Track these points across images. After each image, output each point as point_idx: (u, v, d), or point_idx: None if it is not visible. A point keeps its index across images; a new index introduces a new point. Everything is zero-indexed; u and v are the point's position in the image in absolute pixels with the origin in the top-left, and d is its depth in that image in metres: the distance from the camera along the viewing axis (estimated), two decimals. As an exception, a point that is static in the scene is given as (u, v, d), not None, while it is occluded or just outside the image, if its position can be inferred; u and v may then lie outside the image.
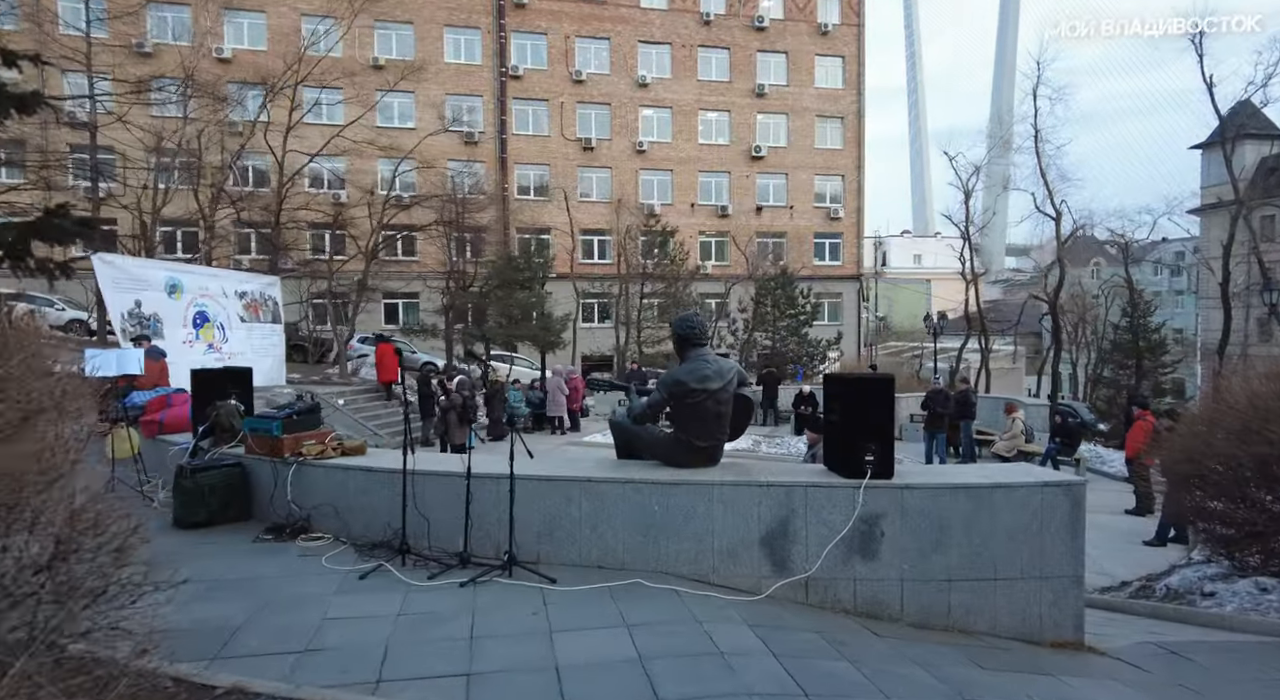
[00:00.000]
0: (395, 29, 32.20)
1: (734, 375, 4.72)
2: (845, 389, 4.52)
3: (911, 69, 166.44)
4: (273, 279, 15.33)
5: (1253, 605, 5.23)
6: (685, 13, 34.84)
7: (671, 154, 34.98)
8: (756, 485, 4.38)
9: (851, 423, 4.43)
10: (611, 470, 4.65)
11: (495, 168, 32.85)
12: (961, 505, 4.31)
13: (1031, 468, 4.78)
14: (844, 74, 36.82)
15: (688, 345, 4.73)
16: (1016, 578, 4.32)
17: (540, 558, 4.55)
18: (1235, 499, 5.61)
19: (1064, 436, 13.00)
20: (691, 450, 4.66)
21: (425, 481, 4.78)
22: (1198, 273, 44.39)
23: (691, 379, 4.56)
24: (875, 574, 4.32)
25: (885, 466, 4.36)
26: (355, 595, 3.97)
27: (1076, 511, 4.34)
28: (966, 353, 30.02)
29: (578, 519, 4.53)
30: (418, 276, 27.05)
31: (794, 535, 4.35)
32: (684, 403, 4.61)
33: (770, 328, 24.36)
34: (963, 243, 26.97)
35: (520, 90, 33.42)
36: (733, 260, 33.73)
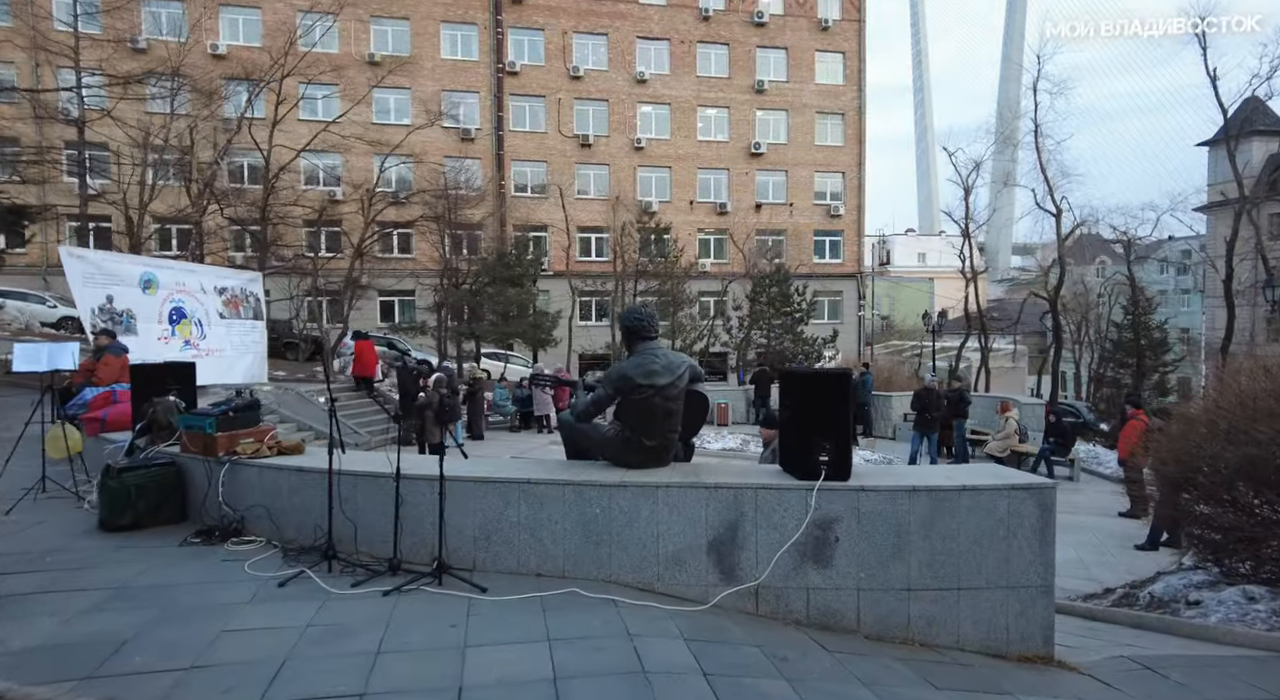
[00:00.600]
0: (391, 25, 32.01)
1: (685, 370, 4.46)
2: (799, 385, 4.25)
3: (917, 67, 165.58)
4: (255, 275, 15.10)
5: (1239, 616, 4.93)
6: (684, 8, 34.52)
7: (670, 151, 34.67)
8: (704, 487, 4.11)
9: (805, 421, 4.17)
10: (551, 471, 4.38)
11: (492, 164, 32.62)
12: (922, 509, 4.03)
13: (999, 469, 4.50)
14: (844, 70, 36.43)
15: (636, 338, 4.47)
16: (981, 587, 4.05)
17: (477, 564, 4.30)
18: (1223, 502, 5.32)
19: (1058, 436, 12.68)
20: (640, 450, 4.39)
21: (357, 483, 4.54)
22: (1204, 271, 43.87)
23: (638, 374, 4.29)
24: (830, 582, 4.05)
25: (841, 467, 4.09)
26: (268, 604, 3.72)
27: (1046, 517, 4.06)
28: (967, 352, 29.65)
29: (516, 523, 4.27)
30: (410, 274, 26.86)
31: (743, 541, 4.09)
32: (630, 399, 4.35)
33: (765, 325, 24.04)
34: (963, 240, 26.59)
35: (517, 86, 33.17)
36: (731, 258, 33.42)
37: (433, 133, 31.10)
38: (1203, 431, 5.19)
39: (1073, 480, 12.49)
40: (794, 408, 4.24)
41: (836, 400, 4.13)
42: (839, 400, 4.13)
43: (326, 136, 21.57)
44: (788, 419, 4.34)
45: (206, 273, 13.90)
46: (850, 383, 4.17)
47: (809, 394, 4.18)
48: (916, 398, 13.20)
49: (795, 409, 4.22)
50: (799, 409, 4.20)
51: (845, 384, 4.15)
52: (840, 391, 4.14)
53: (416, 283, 26.62)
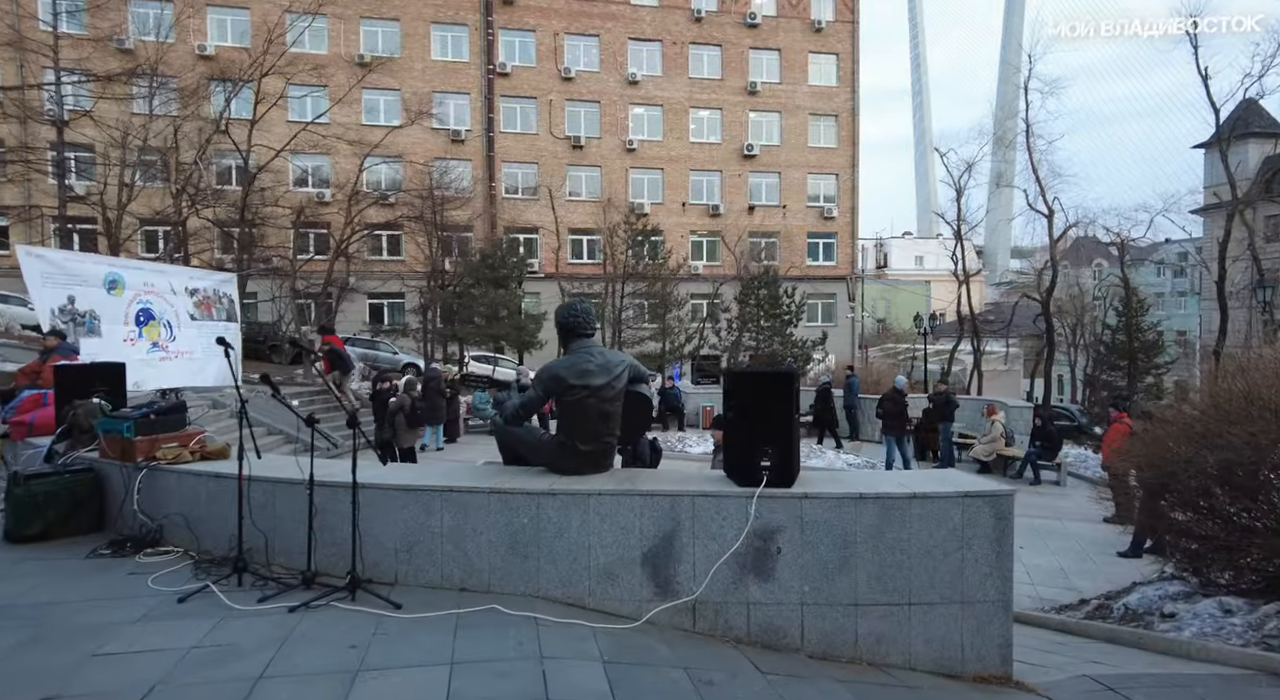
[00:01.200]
0: (381, 25, 31.82)
1: (624, 370, 4.20)
2: (742, 385, 3.98)
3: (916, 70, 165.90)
4: (228, 276, 14.79)
5: (1214, 629, 4.66)
6: (676, 9, 34.35)
7: (662, 153, 34.47)
8: (638, 495, 3.85)
9: (748, 423, 3.90)
10: (475, 478, 4.12)
11: (482, 166, 32.41)
12: (870, 518, 3.77)
13: (954, 475, 4.23)
14: (838, 71, 36.25)
15: (571, 336, 4.21)
16: (934, 602, 3.78)
17: (399, 578, 4.03)
18: (1200, 510, 5.05)
19: (1044, 440, 12.40)
20: (575, 455, 4.13)
21: (275, 490, 4.27)
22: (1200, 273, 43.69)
23: (570, 373, 4.03)
24: (771, 597, 3.78)
25: (783, 473, 3.83)
26: (159, 623, 3.44)
27: (1002, 526, 3.79)
28: (961, 354, 29.40)
29: (438, 534, 4.00)
30: (395, 276, 26.61)
31: (679, 552, 3.82)
32: (563, 401, 4.09)
33: (754, 328, 23.79)
34: (955, 241, 26.35)
35: (508, 88, 32.97)
36: (724, 260, 33.20)
37: (422, 134, 30.97)
38: (1179, 435, 4.93)
39: (1059, 484, 12.22)
40: (737, 409, 3.97)
41: (780, 401, 3.87)
42: (782, 401, 3.87)
43: (313, 138, 21.35)
44: (731, 421, 4.08)
45: (177, 273, 13.61)
46: (794, 384, 3.91)
47: (752, 394, 3.92)
48: (882, 401, 12.88)
49: (739, 410, 3.96)
50: (742, 410, 3.94)
51: (789, 384, 3.89)
52: (784, 392, 3.87)
53: (402, 285, 26.35)
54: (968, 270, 25.36)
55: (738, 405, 3.96)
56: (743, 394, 3.94)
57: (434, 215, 22.41)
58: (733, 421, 4.03)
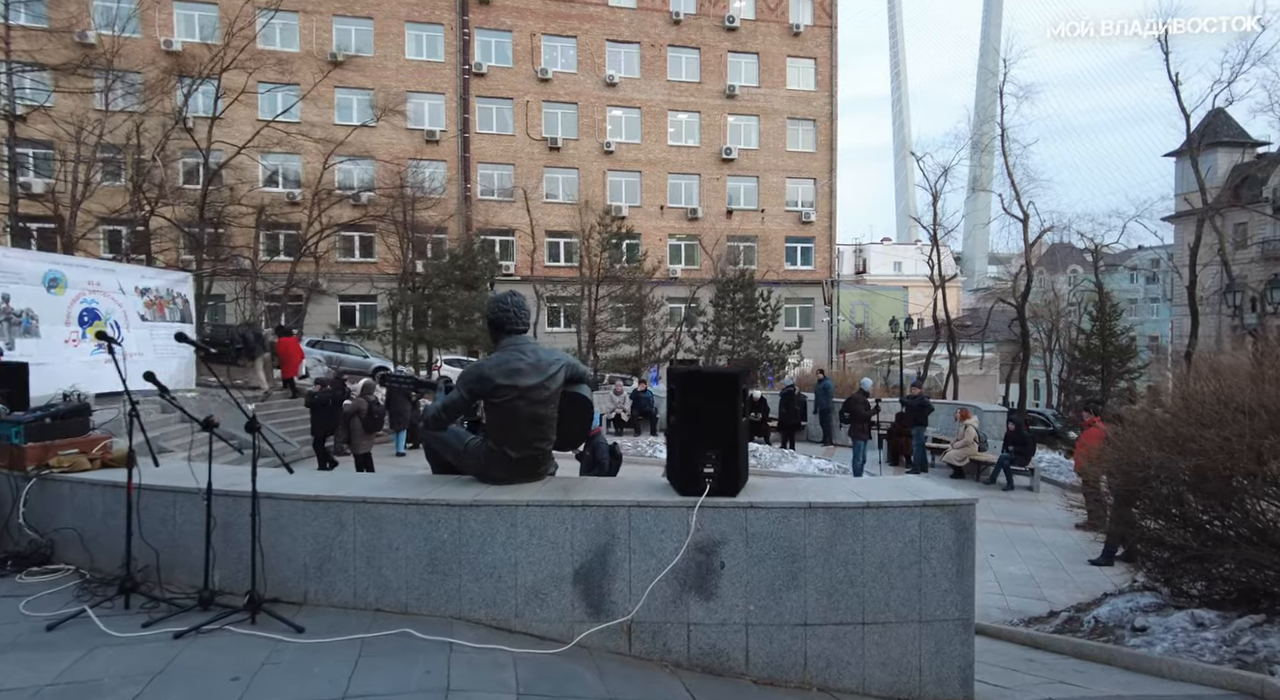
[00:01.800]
0: (354, 23, 31.32)
1: (560, 369, 3.86)
2: (684, 385, 3.67)
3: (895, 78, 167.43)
4: (183, 276, 14.33)
5: (1186, 645, 4.41)
6: (654, 11, 34.18)
7: (640, 155, 34.24)
8: (569, 506, 3.52)
9: (690, 426, 3.59)
10: (392, 489, 3.77)
11: (457, 167, 31.97)
12: (820, 529, 3.47)
13: (911, 482, 3.95)
14: (816, 76, 36.27)
15: (501, 332, 3.87)
16: (890, 621, 3.48)
17: (308, 598, 3.66)
18: (1172, 518, 4.80)
19: (1017, 445, 12.24)
20: (504, 462, 3.79)
21: (176, 501, 3.89)
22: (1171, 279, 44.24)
23: (497, 372, 3.69)
24: (714, 617, 3.47)
25: (727, 480, 3.52)
26: (17, 655, 3.05)
27: (963, 538, 3.51)
28: (937, 359, 29.39)
29: (352, 550, 3.64)
30: (365, 278, 26.09)
31: (614, 568, 3.49)
32: (491, 403, 3.75)
33: (730, 331, 23.56)
34: (932, 246, 26.34)
35: (484, 88, 32.59)
36: (702, 264, 33.00)
37: (395, 134, 30.48)
38: (1150, 439, 4.69)
39: (1032, 490, 12.06)
40: (679, 411, 3.66)
41: (725, 403, 3.56)
42: (727, 403, 3.56)
43: (281, 136, 20.83)
44: (673, 425, 3.77)
45: (127, 272, 13.11)
46: (739, 383, 3.61)
47: (695, 395, 3.61)
48: (848, 404, 12.60)
49: (680, 412, 3.65)
50: (684, 412, 3.63)
51: (734, 384, 3.58)
52: (728, 392, 3.56)
53: (371, 286, 25.83)
54: (944, 275, 25.33)
55: (680, 407, 3.65)
56: (685, 395, 3.63)
57: (404, 216, 21.93)
58: (674, 425, 3.72)
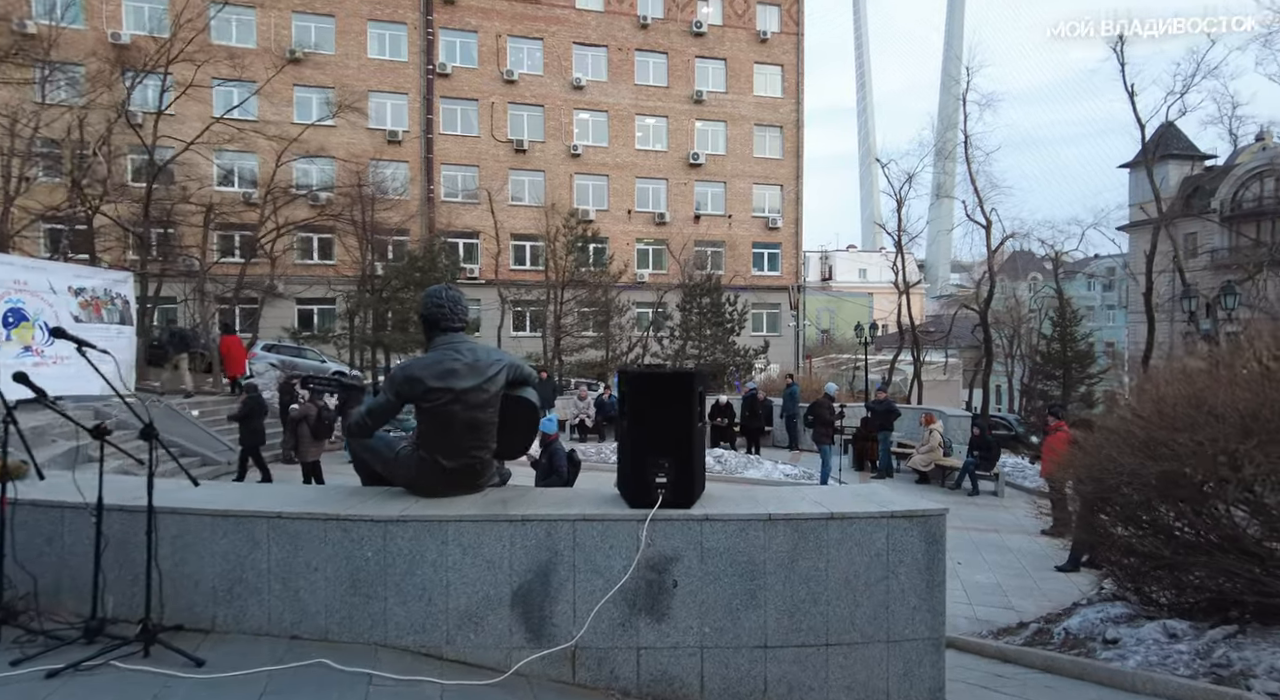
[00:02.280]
0: (315, 20, 30.57)
1: (501, 371, 3.54)
2: (635, 387, 3.38)
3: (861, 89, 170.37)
4: (123, 275, 13.64)
5: (1159, 658, 4.24)
6: (622, 15, 34.01)
7: (608, 159, 33.98)
8: (507, 521, 3.20)
9: (641, 431, 3.30)
10: (310, 502, 3.41)
11: (420, 168, 31.36)
12: (781, 543, 3.20)
13: (876, 491, 3.72)
14: (783, 83, 36.42)
15: (435, 329, 3.54)
16: (855, 642, 3.23)
17: (216, 625, 3.28)
18: (1141, 524, 4.64)
19: (982, 450, 12.20)
20: (437, 473, 3.45)
21: (64, 517, 3.47)
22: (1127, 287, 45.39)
23: (429, 374, 3.36)
24: (666, 640, 3.18)
25: (681, 491, 3.24)
26: None
27: (933, 551, 3.28)
28: (902, 365, 29.58)
29: (265, 570, 3.27)
30: (323, 280, 25.38)
31: (557, 589, 3.18)
32: (423, 408, 3.42)
33: (697, 336, 23.38)
34: (896, 252, 26.52)
35: (448, 89, 32.05)
36: (670, 269, 32.82)
37: (356, 134, 29.78)
38: (1120, 444, 4.53)
39: (997, 495, 12.02)
40: (630, 415, 3.37)
41: (679, 406, 3.28)
42: (682, 406, 3.28)
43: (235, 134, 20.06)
44: (623, 431, 3.48)
45: (60, 271, 12.41)
46: (694, 385, 3.33)
47: (647, 398, 3.32)
48: (812, 408, 12.36)
49: (631, 417, 3.36)
50: (635, 417, 3.34)
51: (689, 386, 3.31)
52: (683, 394, 3.29)
53: (329, 289, 25.11)
54: (908, 281, 25.50)
55: (630, 411, 3.35)
56: (636, 398, 3.34)
57: (364, 216, 21.33)
58: (625, 430, 3.43)
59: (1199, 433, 4.16)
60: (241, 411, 10.74)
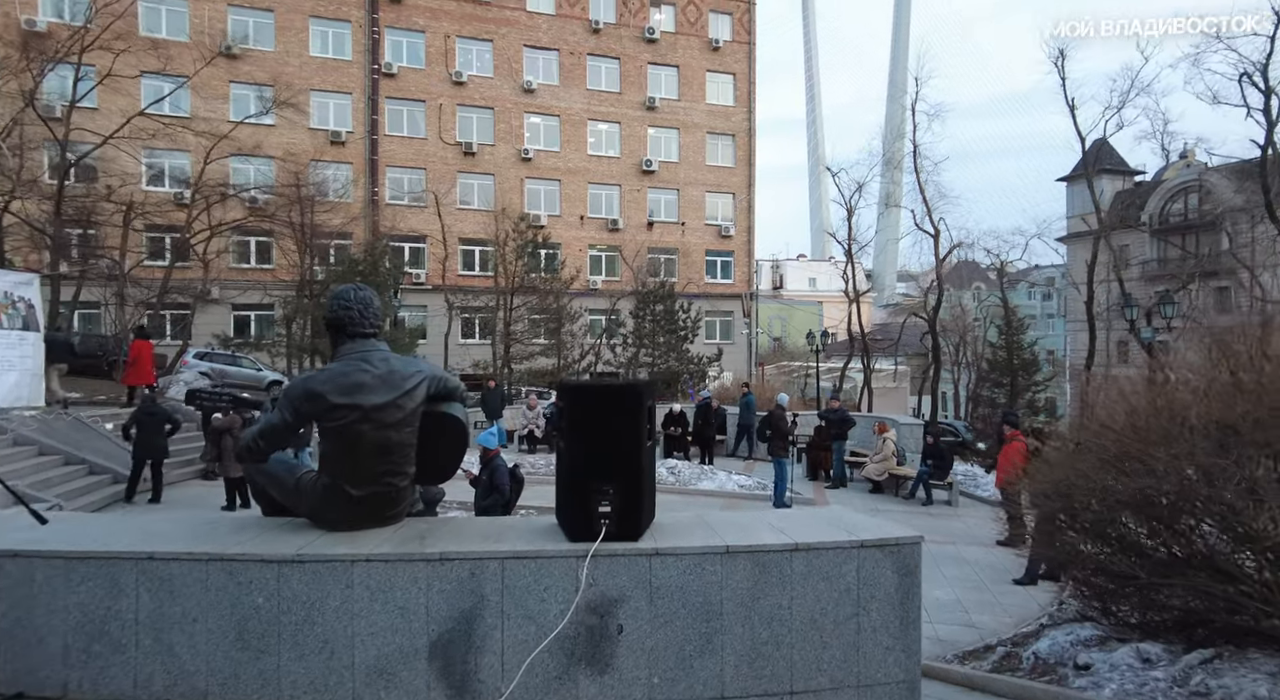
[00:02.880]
0: (252, 14, 29.37)
1: (421, 383, 3.08)
2: (575, 401, 2.96)
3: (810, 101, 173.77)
4: (27, 277, 12.60)
5: (1135, 686, 4.00)
6: (574, 19, 33.66)
7: (559, 164, 33.51)
8: (424, 560, 2.74)
9: (581, 452, 2.89)
10: (193, 539, 2.89)
11: (364, 170, 30.36)
12: (741, 579, 2.83)
13: (843, 516, 3.37)
14: (735, 91, 36.55)
15: (342, 336, 3.07)
16: (823, 688, 2.87)
17: (70, 689, 2.74)
18: (1111, 541, 4.40)
19: (935, 459, 12.13)
20: (343, 502, 2.97)
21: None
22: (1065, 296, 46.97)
23: (332, 389, 2.89)
24: (609, 692, 2.76)
25: (628, 522, 2.83)
26: None
27: (908, 583, 2.95)
28: (852, 372, 29.81)
29: (133, 622, 2.74)
30: (257, 285, 24.26)
31: (483, 639, 2.74)
32: (325, 427, 2.94)
33: (651, 344, 23.05)
34: (846, 261, 26.70)
35: (394, 89, 31.16)
36: (623, 276, 32.47)
37: (296, 133, 28.71)
38: (1090, 458, 4.31)
39: (951, 504, 11.96)
40: (568, 434, 2.95)
41: (624, 423, 2.88)
42: (629, 421, 2.88)
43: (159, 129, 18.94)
44: (561, 452, 3.05)
45: (-47, 272, 11.37)
46: (644, 398, 2.94)
47: (588, 413, 2.91)
48: (767, 420, 11.71)
49: (570, 436, 2.94)
50: (576, 436, 2.92)
51: (636, 399, 2.91)
52: (630, 409, 2.89)
53: (266, 294, 23.99)
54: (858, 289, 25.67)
55: (569, 428, 2.94)
56: (575, 413, 2.93)
57: (303, 218, 20.40)
58: (563, 451, 3.01)
59: (1174, 446, 3.95)
60: (126, 424, 9.95)
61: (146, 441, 9.79)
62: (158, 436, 9.74)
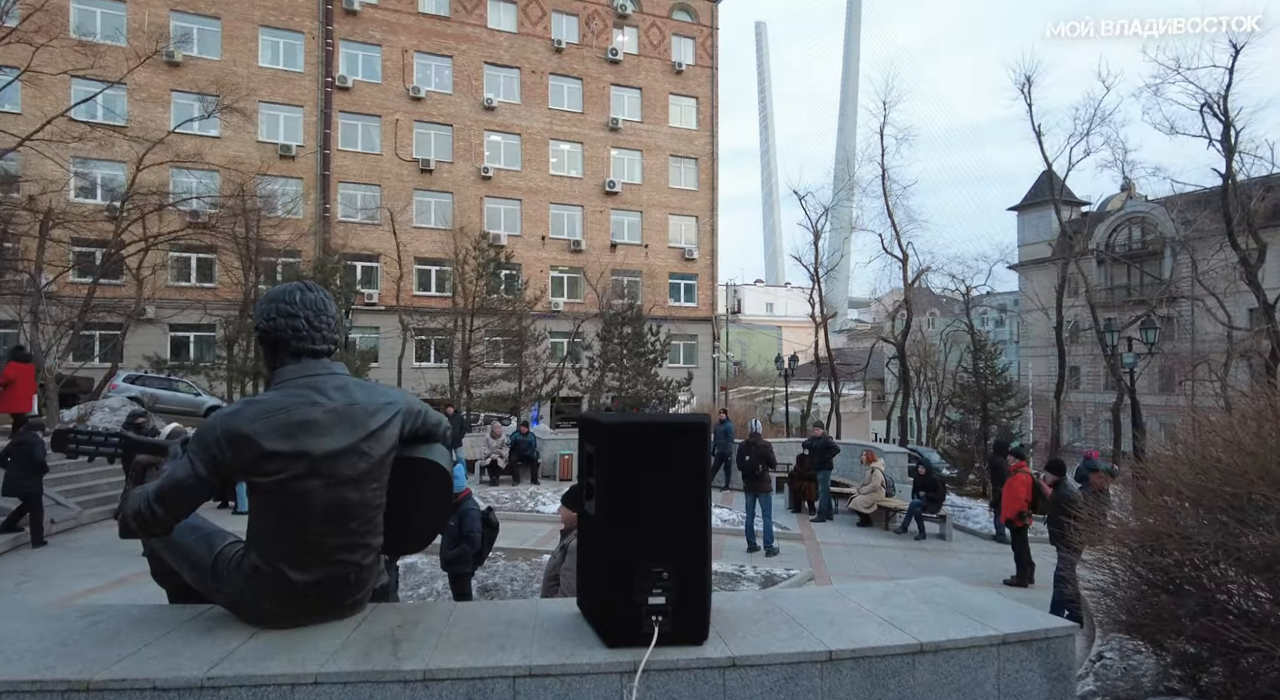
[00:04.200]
0: (197, 22, 27.95)
1: (393, 420, 2.23)
2: (612, 443, 2.12)
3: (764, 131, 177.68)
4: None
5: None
6: (535, 38, 33.11)
7: (520, 183, 32.67)
8: (399, 681, 1.87)
9: (620, 521, 2.06)
10: (43, 650, 1.95)
11: (315, 185, 29.01)
12: (848, 694, 2.02)
13: (954, 592, 2.60)
14: (698, 115, 36.41)
15: (283, 353, 2.19)
16: None
17: None
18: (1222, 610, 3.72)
19: (928, 490, 11.55)
20: (282, 592, 2.08)
21: None
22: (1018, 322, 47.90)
23: (265, 429, 2.01)
24: None
25: (691, 620, 2.01)
26: None
27: (1062, 690, 2.18)
28: (816, 397, 29.44)
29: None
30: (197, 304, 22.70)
31: (485, 797, 1.86)
32: (256, 484, 2.05)
33: (618, 367, 22.21)
34: (813, 284, 26.43)
35: (349, 103, 30.00)
36: (586, 297, 31.65)
37: (244, 146, 27.34)
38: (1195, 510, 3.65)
39: (944, 538, 11.38)
40: (602, 492, 2.11)
41: (682, 476, 2.07)
42: (687, 475, 2.07)
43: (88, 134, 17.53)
44: (589, 519, 2.21)
45: None
46: (707, 441, 2.13)
47: (630, 463, 2.08)
48: (747, 449, 10.08)
49: (605, 495, 2.10)
50: (611, 495, 2.09)
51: (697, 443, 2.10)
52: (690, 455, 2.08)
53: (205, 314, 22.45)
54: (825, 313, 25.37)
55: (604, 483, 2.10)
56: (615, 460, 2.09)
57: (247, 232, 19.09)
58: (592, 518, 2.16)
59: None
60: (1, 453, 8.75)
61: (14, 480, 8.61)
62: (21, 475, 8.57)
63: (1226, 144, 16.62)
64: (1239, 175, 17.30)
